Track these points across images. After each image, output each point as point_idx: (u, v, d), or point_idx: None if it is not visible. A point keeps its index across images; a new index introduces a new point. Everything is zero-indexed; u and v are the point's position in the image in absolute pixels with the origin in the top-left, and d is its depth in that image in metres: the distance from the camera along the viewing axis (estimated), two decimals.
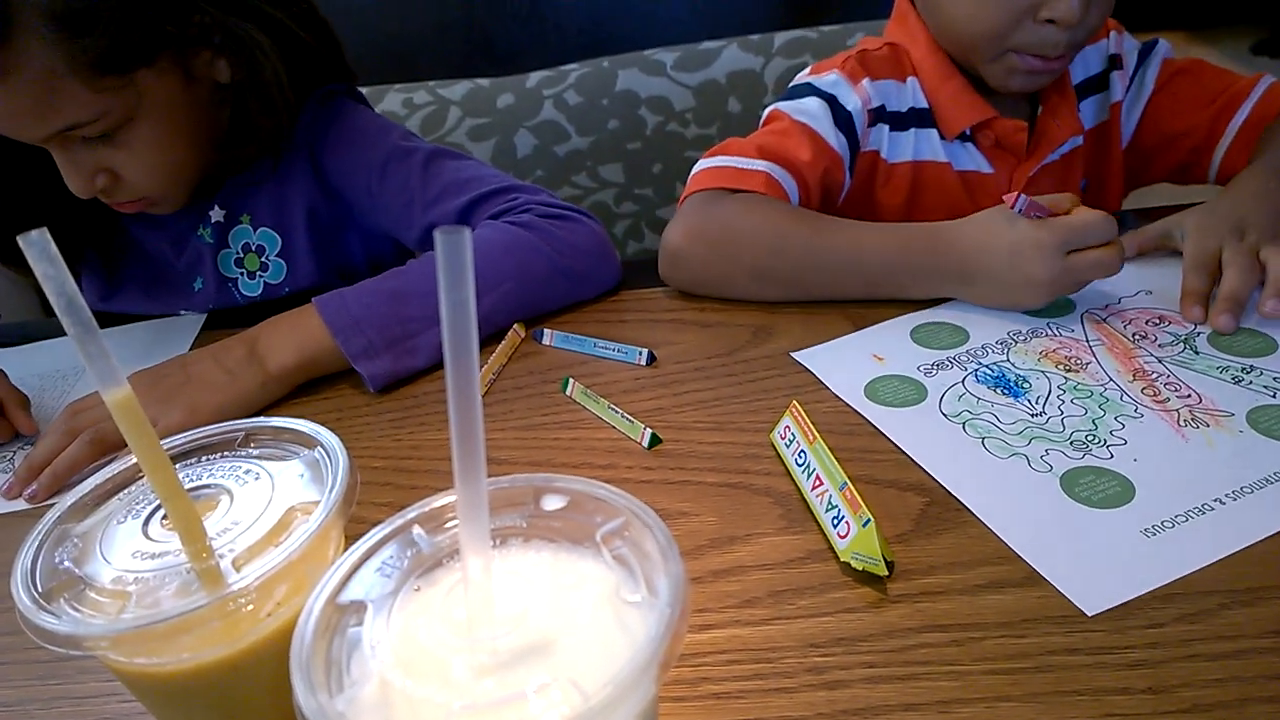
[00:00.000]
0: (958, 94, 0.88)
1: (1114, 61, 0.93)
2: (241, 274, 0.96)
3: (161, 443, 0.38)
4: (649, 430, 0.64)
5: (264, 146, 0.88)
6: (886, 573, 0.50)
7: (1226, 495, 0.53)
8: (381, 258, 0.99)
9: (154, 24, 0.75)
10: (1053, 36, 0.79)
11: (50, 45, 0.70)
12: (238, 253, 0.96)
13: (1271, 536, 0.50)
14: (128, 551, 0.39)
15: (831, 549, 0.53)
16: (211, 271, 0.96)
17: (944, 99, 0.89)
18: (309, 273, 0.96)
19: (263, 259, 0.95)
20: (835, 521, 0.53)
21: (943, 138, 0.91)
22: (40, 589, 0.37)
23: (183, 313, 0.99)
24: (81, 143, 0.78)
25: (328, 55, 0.92)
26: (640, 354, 0.74)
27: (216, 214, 0.94)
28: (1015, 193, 0.72)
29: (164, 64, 0.78)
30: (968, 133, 0.90)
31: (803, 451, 0.59)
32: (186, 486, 0.39)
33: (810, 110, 0.87)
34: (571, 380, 0.72)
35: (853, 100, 0.88)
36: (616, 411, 0.67)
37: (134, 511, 0.41)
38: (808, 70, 0.94)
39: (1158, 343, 0.68)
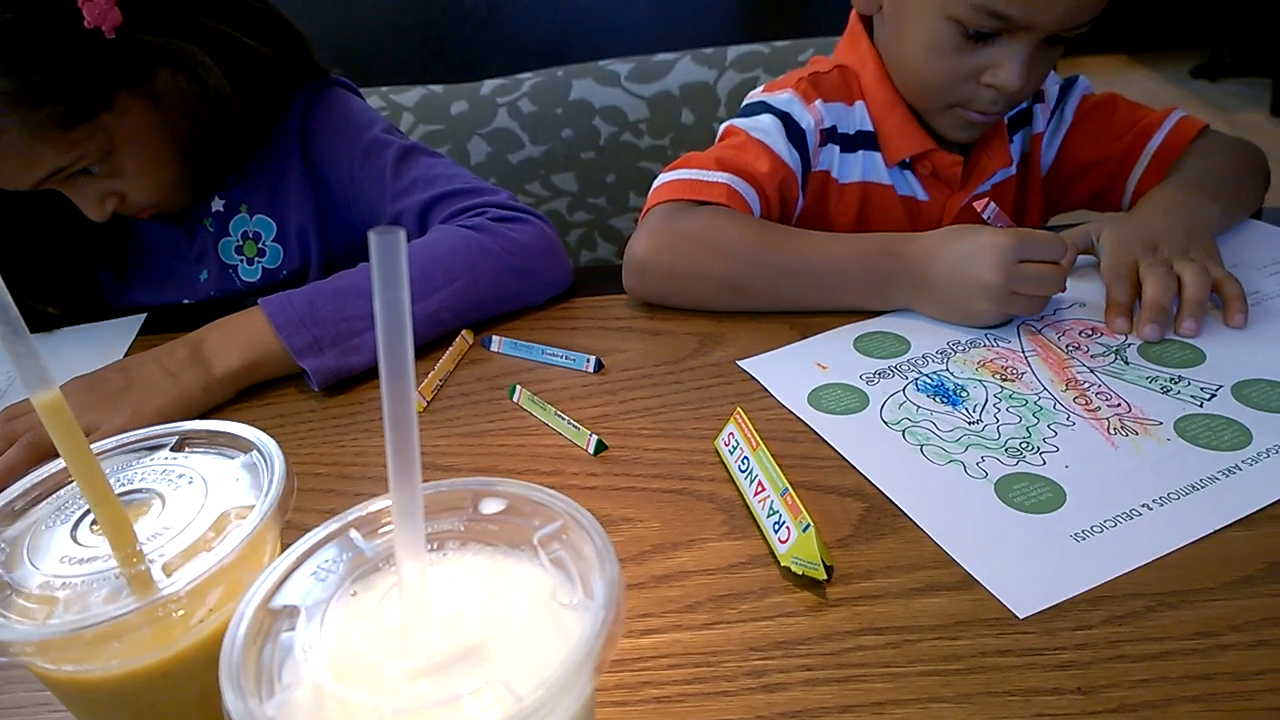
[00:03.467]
0: (901, 124, 0.91)
1: (1036, 95, 0.96)
2: (241, 260, 1.00)
3: (93, 446, 0.38)
4: (595, 437, 0.65)
5: (225, 156, 0.92)
6: (825, 577, 0.51)
7: (1154, 501, 0.54)
8: None
9: (101, 74, 0.78)
10: (993, 96, 0.83)
11: (16, 121, 0.75)
12: (237, 240, 0.99)
13: (1197, 541, 0.52)
14: (56, 557, 0.38)
15: (772, 554, 0.53)
16: (214, 260, 1.00)
17: (888, 127, 0.91)
18: (303, 256, 0.99)
19: (259, 245, 0.99)
20: (776, 527, 0.54)
21: (885, 163, 0.93)
22: None
23: (186, 302, 1.02)
24: (78, 179, 0.84)
25: (292, 58, 0.94)
26: (588, 361, 0.74)
27: (217, 204, 0.98)
28: (987, 199, 0.74)
29: (124, 100, 0.81)
30: (907, 160, 0.92)
31: (746, 458, 0.59)
32: (118, 490, 0.39)
33: (765, 127, 0.89)
34: (519, 387, 0.72)
35: (806, 118, 0.90)
36: (563, 418, 0.67)
37: (63, 516, 0.40)
38: (761, 89, 0.95)
39: (1090, 353, 0.69)
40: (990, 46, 0.80)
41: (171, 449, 0.43)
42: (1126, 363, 0.68)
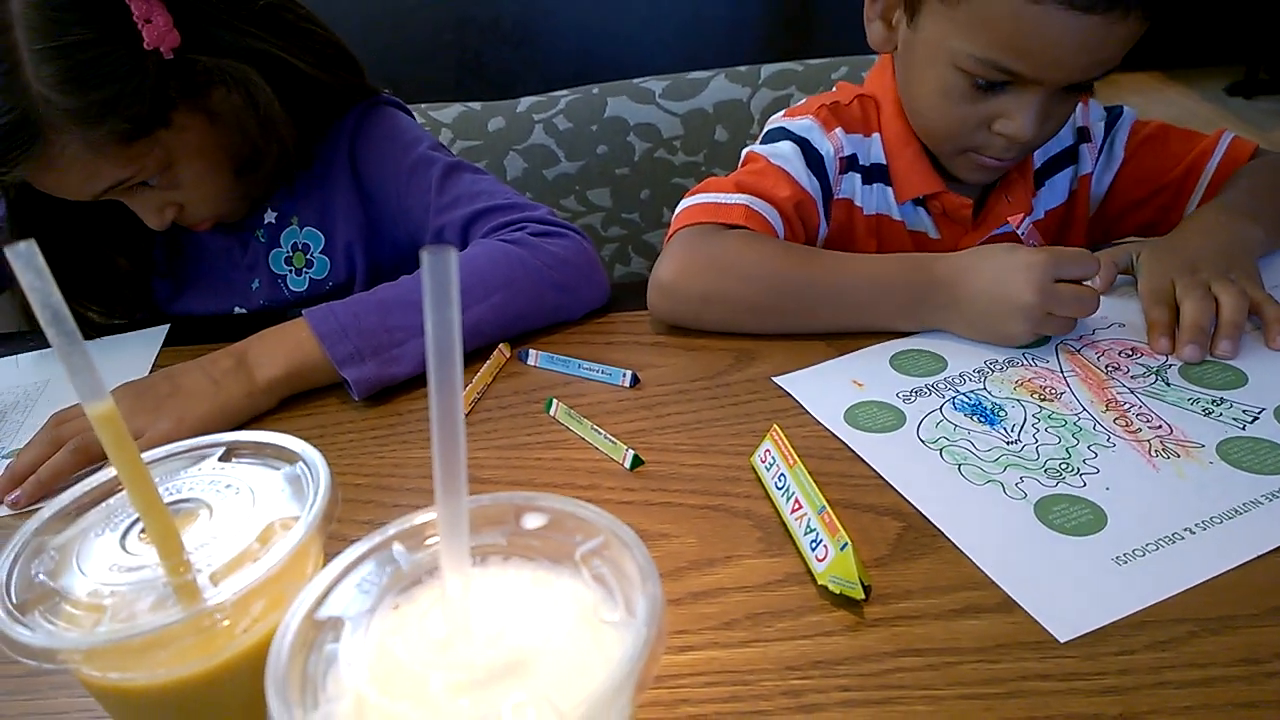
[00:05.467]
0: (913, 162, 0.89)
1: (1082, 134, 0.94)
2: (290, 271, 1.02)
3: (142, 455, 0.38)
4: (631, 451, 0.65)
5: (276, 171, 0.94)
6: (863, 596, 0.50)
7: (1197, 525, 0.54)
8: (417, 257, 1.01)
9: (159, 93, 0.80)
10: (1005, 144, 0.81)
11: (78, 136, 0.77)
12: (287, 251, 1.02)
13: (1241, 566, 0.51)
14: (104, 564, 0.39)
15: (809, 572, 0.53)
16: (265, 270, 1.02)
17: (901, 164, 0.90)
18: (349, 269, 1.01)
19: (308, 256, 1.01)
20: (813, 545, 0.53)
21: (895, 199, 0.92)
22: (15, 600, 0.37)
23: (239, 310, 1.04)
24: (138, 190, 0.86)
25: (344, 80, 0.96)
26: (624, 376, 0.75)
27: (269, 216, 1.01)
28: (1022, 215, 0.72)
29: (181, 118, 0.83)
30: (920, 197, 0.92)
31: (782, 475, 0.59)
32: (166, 500, 0.39)
33: (784, 153, 0.89)
34: (555, 401, 0.72)
35: (825, 146, 0.90)
36: (599, 432, 0.68)
37: (112, 524, 0.41)
38: (782, 114, 0.95)
39: (1130, 374, 0.69)
40: (1001, 96, 0.78)
41: (219, 459, 0.44)
42: (1167, 384, 0.67)
